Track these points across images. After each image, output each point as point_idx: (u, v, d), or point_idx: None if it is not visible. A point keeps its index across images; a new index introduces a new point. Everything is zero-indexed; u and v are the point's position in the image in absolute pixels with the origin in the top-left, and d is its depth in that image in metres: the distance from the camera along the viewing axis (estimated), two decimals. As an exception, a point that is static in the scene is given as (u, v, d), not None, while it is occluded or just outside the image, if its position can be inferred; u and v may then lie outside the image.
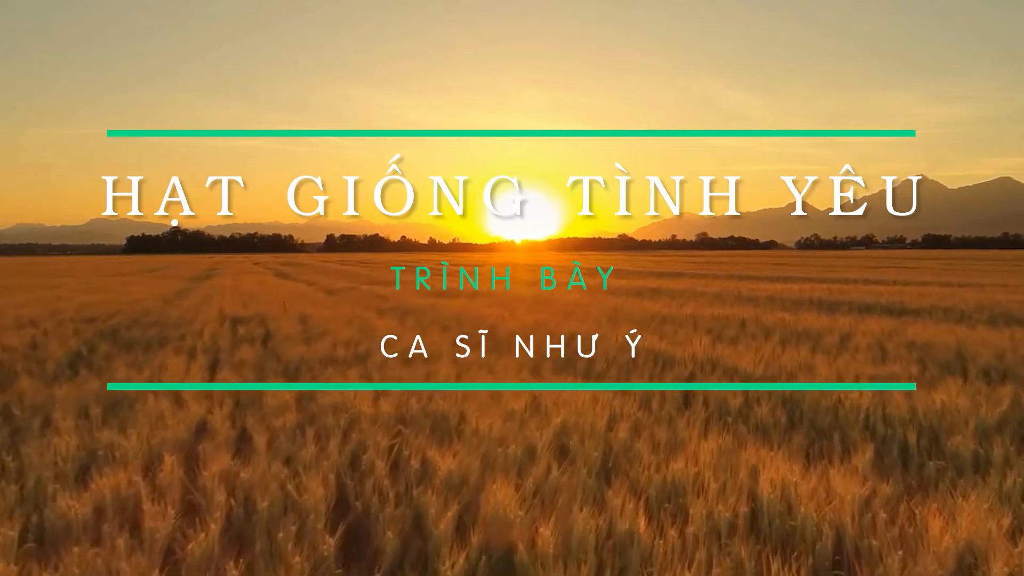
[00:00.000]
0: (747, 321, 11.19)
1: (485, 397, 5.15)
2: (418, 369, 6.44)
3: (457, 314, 12.86)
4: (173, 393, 5.42)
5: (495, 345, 8.83)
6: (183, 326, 10.65)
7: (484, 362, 7.18)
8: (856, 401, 4.93)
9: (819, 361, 7.00)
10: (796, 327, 10.15)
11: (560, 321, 11.43)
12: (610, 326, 10.80)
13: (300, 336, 9.22)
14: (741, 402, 5.16)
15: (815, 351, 7.94)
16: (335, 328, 10.08)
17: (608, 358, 7.44)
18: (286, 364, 7.09)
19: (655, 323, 11.28)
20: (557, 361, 7.45)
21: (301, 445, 3.76)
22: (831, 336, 9.02)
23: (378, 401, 4.76)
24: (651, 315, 12.39)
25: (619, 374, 6.60)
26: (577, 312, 13.33)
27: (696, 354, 7.22)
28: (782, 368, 6.42)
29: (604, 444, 3.97)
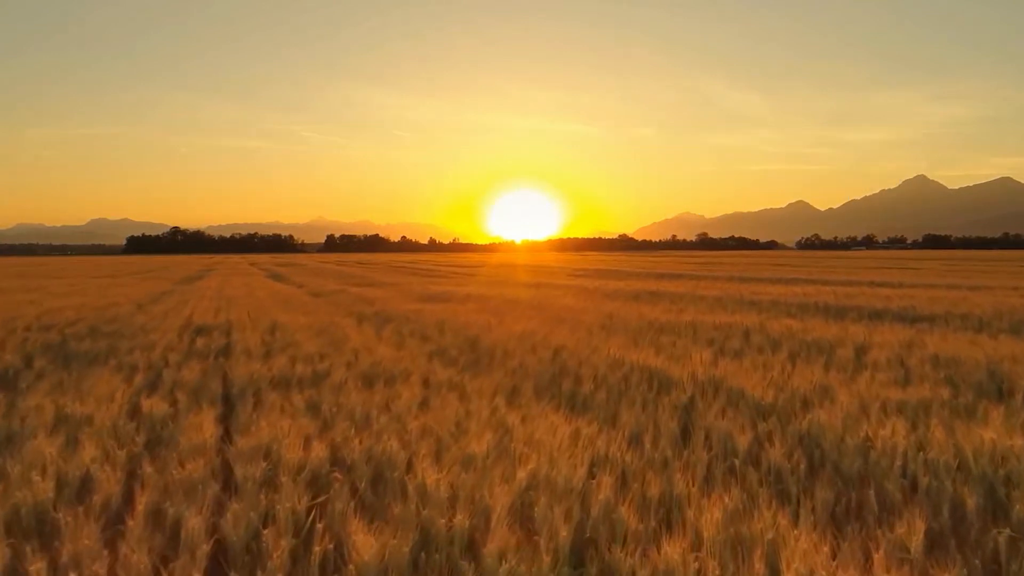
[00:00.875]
0: (751, 330, 10.37)
1: (445, 433, 4.33)
2: (378, 393, 5.62)
3: (442, 321, 12.04)
4: (83, 423, 4.61)
5: (475, 359, 8.01)
6: (140, 336, 9.84)
7: (457, 383, 6.36)
8: (888, 439, 4.11)
9: (835, 381, 6.17)
10: (805, 338, 9.33)
11: (550, 330, 10.61)
12: (603, 336, 9.98)
13: (261, 349, 8.40)
14: (751, 439, 4.33)
15: (829, 368, 7.11)
16: (302, 340, 9.26)
17: (598, 377, 6.61)
18: (230, 386, 6.27)
19: (652, 332, 10.45)
20: (540, 380, 6.63)
21: (193, 513, 2.94)
22: (844, 349, 8.19)
23: (313, 443, 3.94)
24: (648, 323, 11.57)
25: (608, 398, 5.78)
26: (569, 319, 12.50)
27: (696, 373, 6.39)
28: (795, 392, 5.60)
29: (580, 507, 3.15)
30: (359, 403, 5.13)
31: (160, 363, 7.43)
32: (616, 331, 10.65)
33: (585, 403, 5.72)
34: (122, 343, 9.09)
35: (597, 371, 6.81)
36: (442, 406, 5.15)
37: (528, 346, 8.70)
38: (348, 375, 6.57)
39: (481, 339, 9.48)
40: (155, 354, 7.96)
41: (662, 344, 9.05)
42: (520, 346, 8.72)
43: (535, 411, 5.11)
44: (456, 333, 10.38)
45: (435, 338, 9.94)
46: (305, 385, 6.26)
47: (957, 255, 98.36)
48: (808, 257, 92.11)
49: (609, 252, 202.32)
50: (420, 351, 8.59)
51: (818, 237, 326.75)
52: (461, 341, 9.44)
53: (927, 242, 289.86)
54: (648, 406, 5.48)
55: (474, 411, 5.01)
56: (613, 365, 7.22)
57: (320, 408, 5.08)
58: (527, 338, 9.46)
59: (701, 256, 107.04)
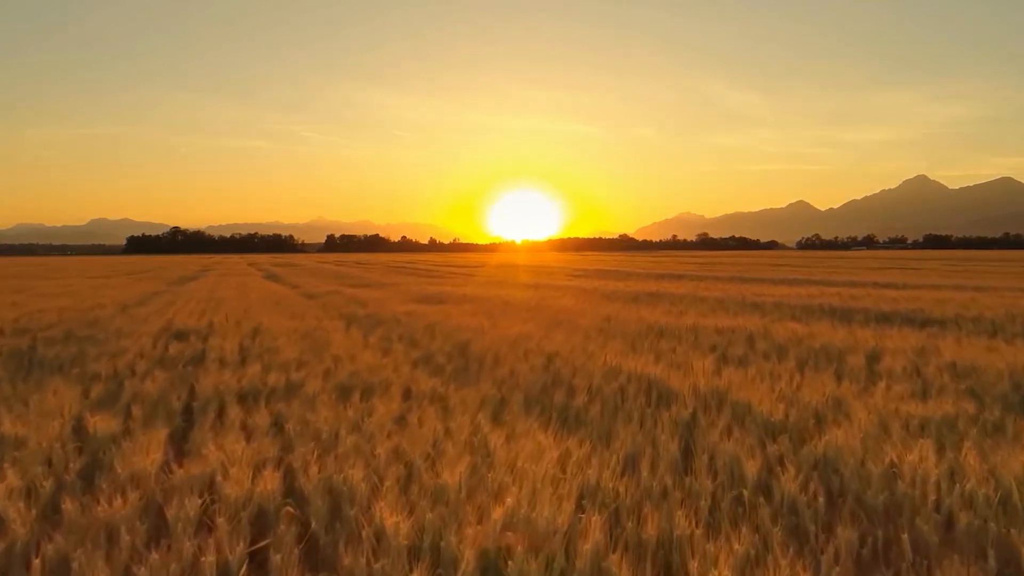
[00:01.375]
0: (755, 335, 9.89)
1: (418, 457, 3.86)
2: (352, 407, 5.15)
3: (433, 325, 11.56)
4: (14, 445, 4.14)
5: (463, 367, 7.54)
6: (114, 341, 9.36)
7: (441, 395, 5.89)
8: (915, 465, 3.64)
9: (848, 394, 5.70)
10: (812, 343, 8.85)
11: (545, 334, 10.14)
12: (600, 341, 9.51)
13: (236, 356, 7.93)
14: (760, 465, 3.86)
15: (840, 378, 6.64)
16: (283, 345, 8.79)
17: (592, 387, 6.14)
18: (192, 400, 5.79)
19: (651, 337, 9.98)
20: (531, 391, 6.15)
21: (102, 567, 2.48)
22: (855, 356, 7.72)
23: (266, 471, 3.47)
24: (647, 326, 11.10)
25: (603, 413, 5.30)
26: (566, 322, 12.03)
27: (698, 384, 5.92)
28: (806, 407, 5.12)
29: (564, 554, 2.68)
30: (328, 420, 4.66)
31: (125, 372, 6.95)
32: (614, 335, 10.18)
33: (578, 418, 5.25)
34: (92, 349, 8.61)
35: (592, 381, 6.34)
36: (420, 423, 4.68)
37: (520, 352, 8.23)
38: (323, 386, 6.10)
39: (472, 344, 9.00)
40: (123, 361, 7.49)
41: (662, 350, 8.57)
42: (512, 352, 8.25)
43: (521, 428, 4.64)
44: (447, 338, 9.90)
45: (424, 343, 9.46)
46: (276, 398, 5.78)
47: (959, 255, 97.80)
48: (809, 257, 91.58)
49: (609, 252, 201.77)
50: (406, 358, 8.12)
51: (819, 237, 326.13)
52: (451, 346, 8.97)
53: (928, 242, 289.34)
54: (646, 422, 5.01)
55: (454, 429, 4.55)
56: (609, 374, 6.74)
57: (285, 426, 4.61)
58: (520, 343, 8.99)
59: (702, 256, 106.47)
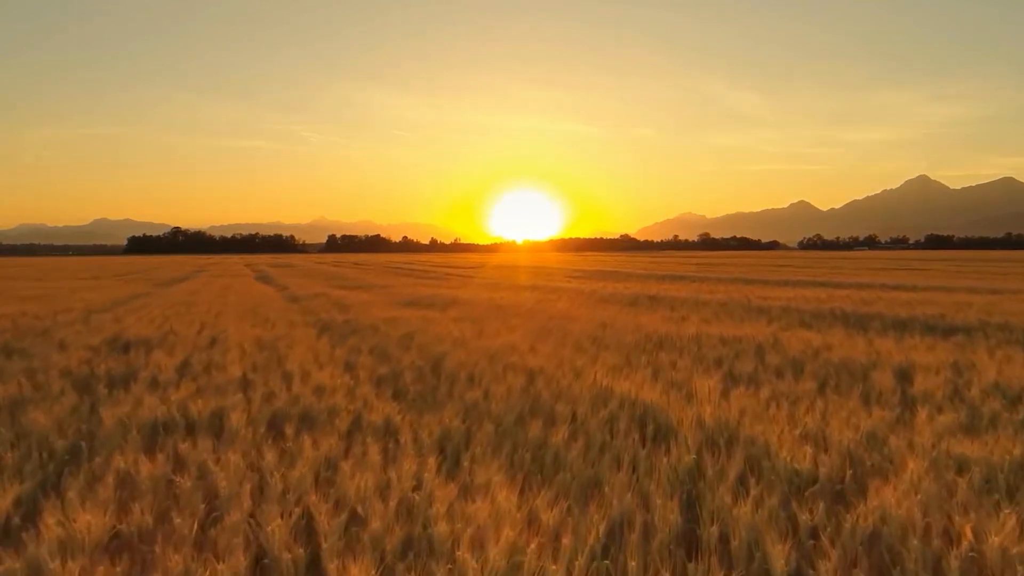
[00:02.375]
0: (765, 346, 8.90)
1: (328, 533, 2.88)
2: (275, 449, 4.16)
3: (413, 333, 10.59)
4: None
5: (431, 388, 6.55)
6: (49, 355, 8.37)
7: (394, 427, 4.91)
8: (1004, 550, 2.65)
9: (884, 426, 4.72)
10: (830, 357, 7.86)
11: (532, 344, 9.16)
12: (592, 353, 8.53)
13: (173, 375, 6.94)
14: (790, 546, 2.87)
15: (870, 403, 5.65)
16: (233, 360, 7.80)
17: (576, 417, 5.15)
18: (83, 439, 4.79)
19: (649, 348, 8.99)
20: (502, 421, 5.16)
21: None
22: (882, 374, 6.72)
23: (98, 569, 2.49)
24: (645, 335, 10.10)
25: (586, 455, 4.31)
26: (557, 329, 11.04)
27: (702, 415, 4.93)
28: (838, 449, 4.13)
29: None
30: (234, 472, 3.67)
31: (30, 396, 5.97)
32: (608, 346, 9.18)
33: (556, 460, 4.26)
34: (17, 364, 7.63)
35: (576, 408, 5.35)
36: (352, 473, 3.69)
37: (500, 368, 7.24)
38: (256, 416, 5.11)
39: (448, 358, 8.01)
40: (35, 382, 6.51)
41: (660, 365, 7.58)
42: (491, 368, 7.26)
43: (481, 479, 3.66)
44: (422, 350, 8.92)
45: (395, 356, 8.47)
46: (190, 433, 4.80)
47: (962, 256, 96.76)
48: (811, 258, 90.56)
49: (610, 252, 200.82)
50: (369, 375, 7.13)
51: (820, 237, 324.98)
52: (424, 361, 7.98)
53: (929, 242, 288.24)
54: (638, 467, 4.02)
55: (393, 483, 3.56)
56: (598, 398, 5.75)
57: (174, 481, 3.62)
58: (502, 357, 8.00)
59: (703, 256, 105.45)
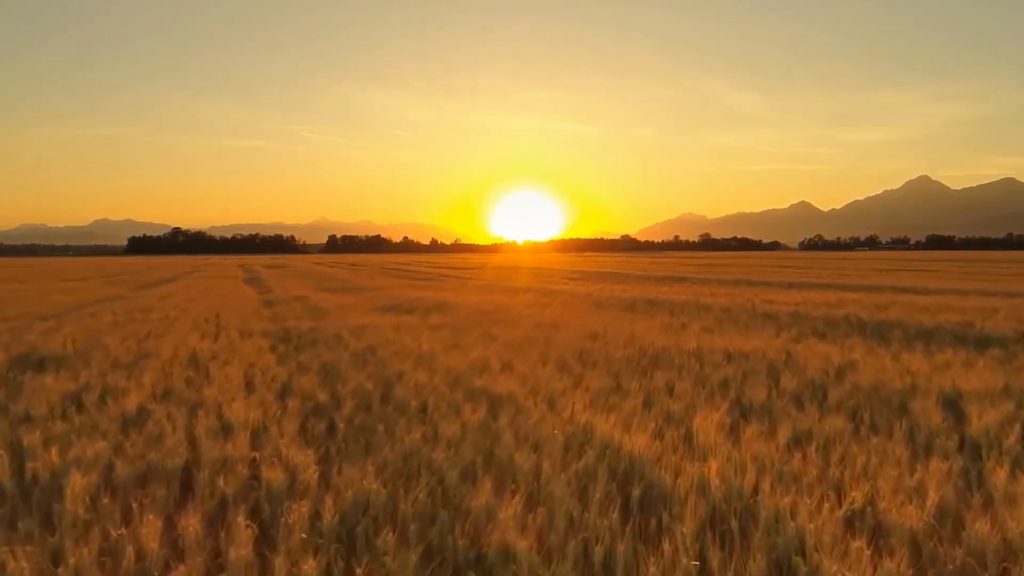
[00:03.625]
0: (777, 364, 7.65)
1: None
2: (97, 537, 2.94)
3: (377, 347, 9.36)
4: None
5: (367, 424, 5.31)
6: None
7: (301, 486, 3.67)
8: None
9: (954, 494, 3.48)
10: (857, 380, 6.60)
11: (509, 361, 7.92)
12: (578, 371, 7.29)
13: (57, 405, 5.72)
14: None
15: (924, 453, 4.41)
16: (142, 385, 6.57)
17: (541, 476, 3.91)
18: None
19: (644, 366, 7.74)
20: (443, 483, 3.92)
21: None
22: (925, 404, 5.48)
23: None
24: (640, 349, 8.84)
25: (540, 542, 3.07)
26: (542, 341, 9.80)
27: (706, 477, 3.68)
28: (902, 536, 2.89)
29: None
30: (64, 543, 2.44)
31: None
32: (596, 363, 7.94)
33: (502, 560, 3.01)
34: None
35: (543, 458, 4.11)
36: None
37: (461, 395, 6.00)
38: (117, 476, 3.87)
39: (404, 380, 6.77)
40: None
41: (654, 390, 6.33)
42: (450, 395, 6.03)
43: None
44: (380, 368, 7.68)
45: (345, 376, 7.23)
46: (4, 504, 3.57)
47: (967, 256, 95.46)
48: (813, 258, 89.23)
49: (611, 253, 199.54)
50: (302, 404, 5.89)
51: (821, 238, 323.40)
52: (375, 383, 6.73)
53: (931, 243, 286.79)
54: (615, 569, 2.78)
55: None
56: (572, 442, 4.51)
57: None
58: (467, 379, 6.77)
59: (704, 257, 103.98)
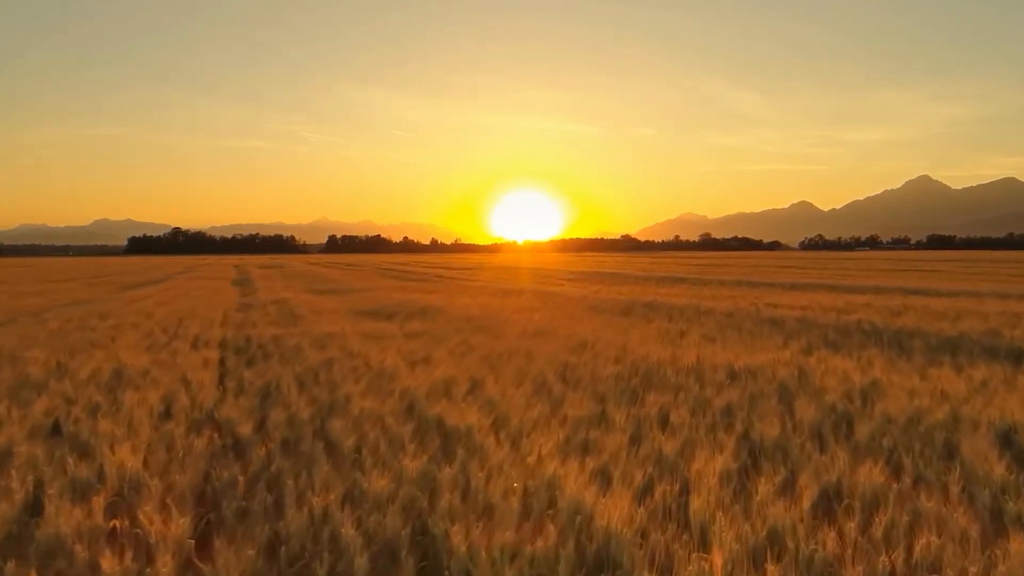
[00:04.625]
0: (789, 384, 6.58)
1: None
2: None
3: (335, 361, 8.31)
4: None
5: (287, 467, 4.25)
6: None
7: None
8: None
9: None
10: (886, 409, 5.52)
11: (479, 379, 6.86)
12: (557, 393, 6.23)
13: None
14: None
15: (999, 524, 3.34)
16: (25, 415, 5.53)
17: (485, 564, 2.85)
18: None
19: (635, 386, 6.68)
20: (353, 565, 2.86)
21: None
22: (977, 442, 4.42)
23: None
24: (632, 365, 7.77)
25: None
26: (522, 353, 8.74)
27: (714, 561, 2.62)
28: None
29: None
30: None
31: None
32: (578, 383, 6.86)
33: None
34: None
35: (491, 533, 3.05)
36: None
37: (409, 430, 4.93)
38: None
39: (348, 407, 5.71)
40: None
41: (644, 421, 5.26)
42: (396, 429, 4.97)
43: None
44: (328, 389, 6.61)
45: (285, 400, 6.16)
46: None
47: (967, 256, 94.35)
48: (815, 258, 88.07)
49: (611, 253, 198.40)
50: (214, 442, 4.83)
51: (822, 237, 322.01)
52: (312, 411, 5.67)
53: (931, 242, 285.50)
54: None
55: None
56: (533, 502, 3.45)
57: None
58: (422, 406, 5.70)
59: (704, 257, 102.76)
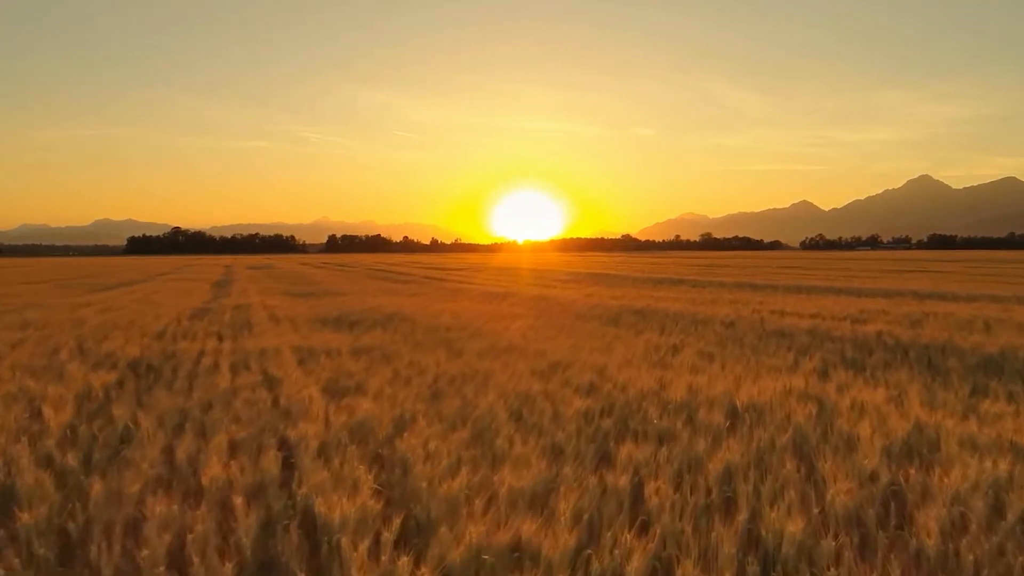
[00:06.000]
0: (807, 430, 5.03)
1: None
2: None
3: (242, 389, 6.77)
4: None
5: None
6: None
7: None
8: None
9: None
10: (952, 483, 3.97)
11: (404, 423, 5.34)
12: (501, 447, 4.69)
13: None
14: None
15: None
16: None
17: None
18: None
19: (606, 431, 5.15)
20: None
21: None
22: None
23: None
24: (606, 399, 6.22)
25: None
26: (479, 379, 7.20)
27: None
28: None
29: None
30: None
31: None
32: (534, 429, 5.29)
33: None
34: None
35: None
36: None
37: (246, 528, 3.39)
38: None
39: (193, 475, 4.17)
40: None
41: (608, 501, 3.72)
42: (215, 541, 3.43)
43: None
44: (194, 438, 5.08)
45: (127, 462, 4.62)
46: None
47: (973, 256, 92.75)
48: (817, 258, 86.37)
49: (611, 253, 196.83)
50: None
51: (823, 237, 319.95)
52: (142, 484, 4.13)
53: (932, 242, 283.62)
54: None
55: None
56: None
57: None
58: (309, 468, 4.16)
59: (705, 257, 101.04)
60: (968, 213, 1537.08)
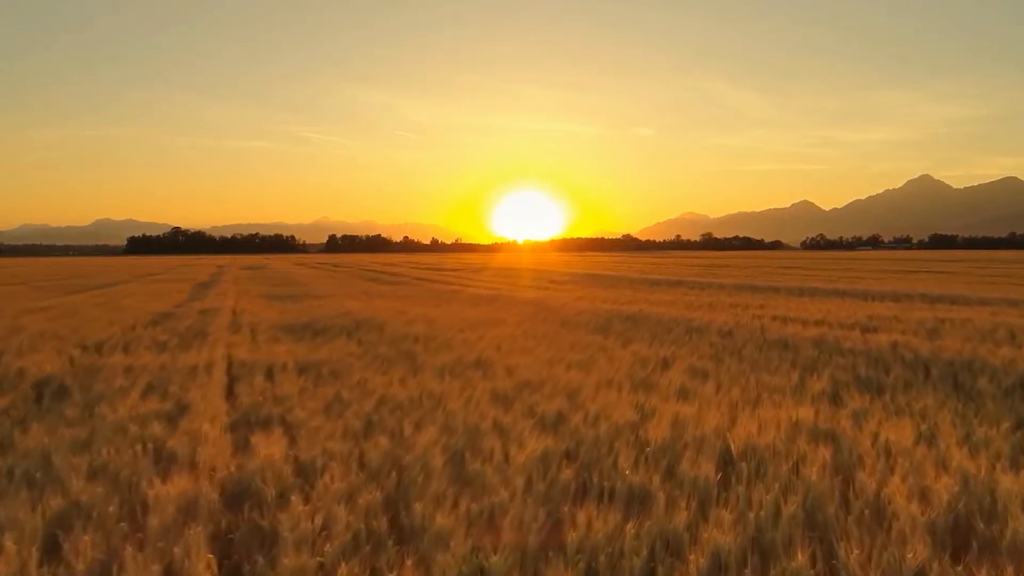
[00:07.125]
0: (822, 494, 3.92)
1: None
2: None
3: (127, 425, 5.68)
4: None
5: None
6: None
7: None
8: None
9: None
10: None
11: (320, 469, 4.24)
12: (429, 505, 3.59)
13: None
14: None
15: None
16: None
17: None
18: None
19: (565, 487, 4.05)
20: None
21: None
22: None
23: None
24: (571, 438, 5.10)
25: None
26: (424, 408, 6.10)
27: None
28: None
29: None
30: None
31: None
32: (474, 484, 4.20)
33: None
34: None
35: None
36: None
37: None
38: None
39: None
40: None
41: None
42: None
43: None
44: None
45: None
46: None
47: (975, 256, 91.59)
48: (818, 258, 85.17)
49: (612, 252, 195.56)
50: None
51: (823, 237, 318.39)
52: None
53: (933, 242, 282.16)
54: None
55: None
56: None
57: None
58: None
59: (705, 257, 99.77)
60: (968, 213, 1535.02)
